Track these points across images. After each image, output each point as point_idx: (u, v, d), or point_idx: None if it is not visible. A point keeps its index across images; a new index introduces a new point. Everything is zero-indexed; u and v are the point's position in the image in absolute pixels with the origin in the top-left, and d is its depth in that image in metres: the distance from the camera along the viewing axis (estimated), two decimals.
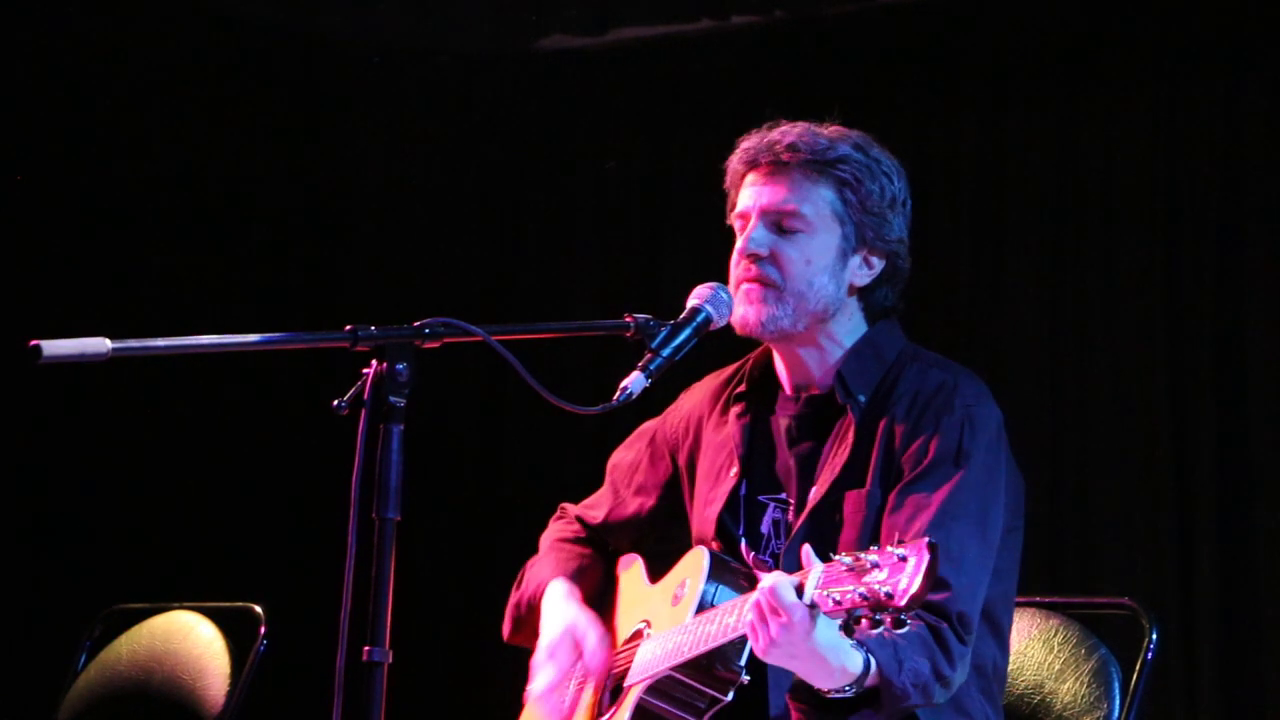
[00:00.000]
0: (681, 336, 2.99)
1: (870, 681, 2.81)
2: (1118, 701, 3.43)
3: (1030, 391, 5.60)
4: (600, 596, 3.39)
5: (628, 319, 2.98)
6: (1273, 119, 5.43)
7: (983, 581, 3.01)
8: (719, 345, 3.22)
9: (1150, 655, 3.48)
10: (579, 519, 3.50)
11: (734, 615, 2.89)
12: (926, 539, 2.54)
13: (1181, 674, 5.30)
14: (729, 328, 3.12)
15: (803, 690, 2.90)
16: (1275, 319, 5.36)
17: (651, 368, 2.94)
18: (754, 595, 2.78)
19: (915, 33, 5.99)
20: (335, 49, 6.51)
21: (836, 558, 2.62)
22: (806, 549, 2.74)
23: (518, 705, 3.40)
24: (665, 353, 2.96)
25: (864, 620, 2.55)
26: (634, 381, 2.92)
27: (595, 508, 3.49)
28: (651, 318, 3.00)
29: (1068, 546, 5.52)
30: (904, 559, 2.52)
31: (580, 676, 3.24)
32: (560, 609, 3.30)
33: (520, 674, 3.44)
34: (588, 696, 3.22)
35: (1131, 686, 3.45)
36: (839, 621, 2.60)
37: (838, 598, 2.58)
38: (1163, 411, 5.47)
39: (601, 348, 5.93)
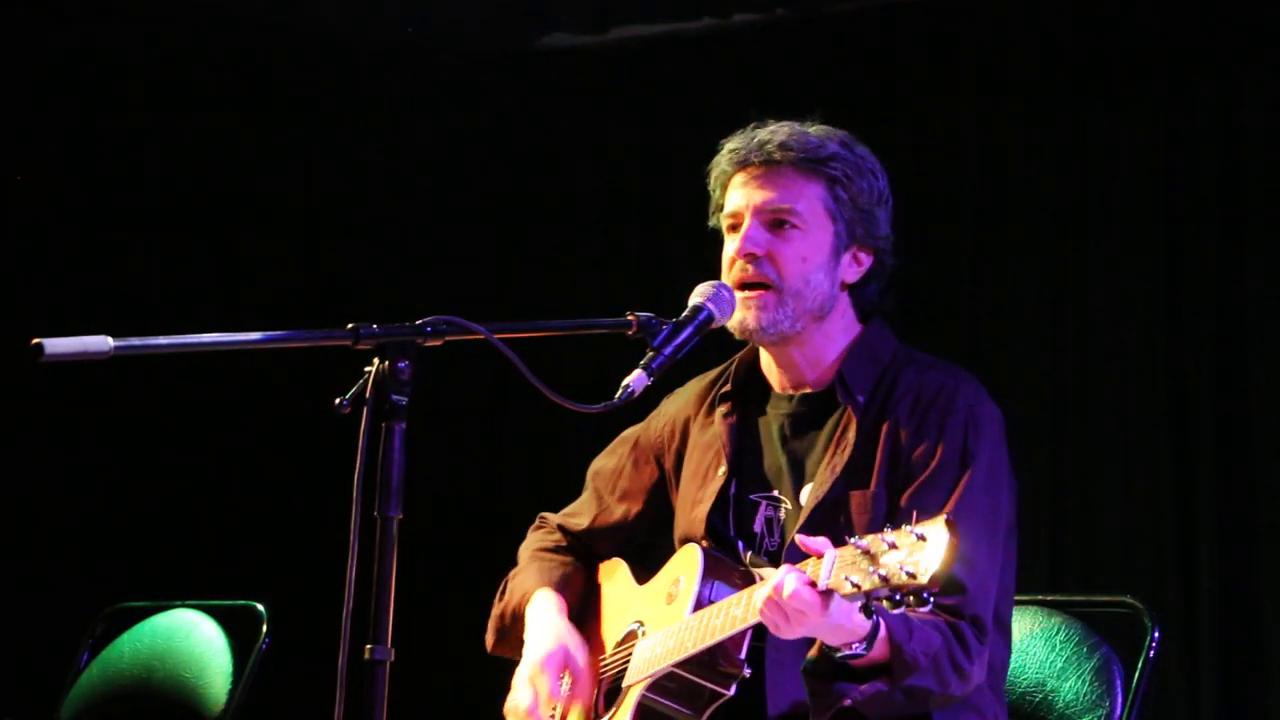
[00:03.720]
0: (684, 334, 2.99)
1: (880, 649, 2.82)
2: (1119, 700, 3.43)
3: (1031, 391, 5.60)
4: (583, 605, 3.39)
5: (630, 317, 2.98)
6: (1273, 121, 5.43)
7: (993, 582, 3.03)
8: (721, 343, 3.22)
9: (1152, 654, 3.49)
10: (561, 528, 3.50)
11: (741, 607, 2.88)
12: (945, 515, 2.53)
13: (1183, 672, 5.30)
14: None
15: (817, 662, 2.90)
16: (1276, 319, 5.36)
17: (653, 366, 2.94)
18: (764, 589, 2.77)
19: (916, 31, 5.98)
20: (335, 49, 6.51)
21: (851, 540, 2.62)
22: (802, 538, 2.75)
23: None
24: (667, 351, 2.96)
25: (884, 602, 2.56)
26: (636, 380, 2.92)
27: (578, 515, 3.48)
28: (653, 316, 3.00)
29: (1069, 545, 5.52)
30: (922, 537, 2.52)
31: (567, 697, 3.22)
32: (549, 622, 3.29)
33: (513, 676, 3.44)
34: (577, 712, 3.21)
35: (1133, 685, 3.46)
36: (858, 604, 2.62)
37: (857, 580, 2.58)
38: (1164, 410, 5.47)
39: (603, 346, 5.93)
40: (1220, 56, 5.54)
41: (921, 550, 2.51)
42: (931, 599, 2.53)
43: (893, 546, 2.55)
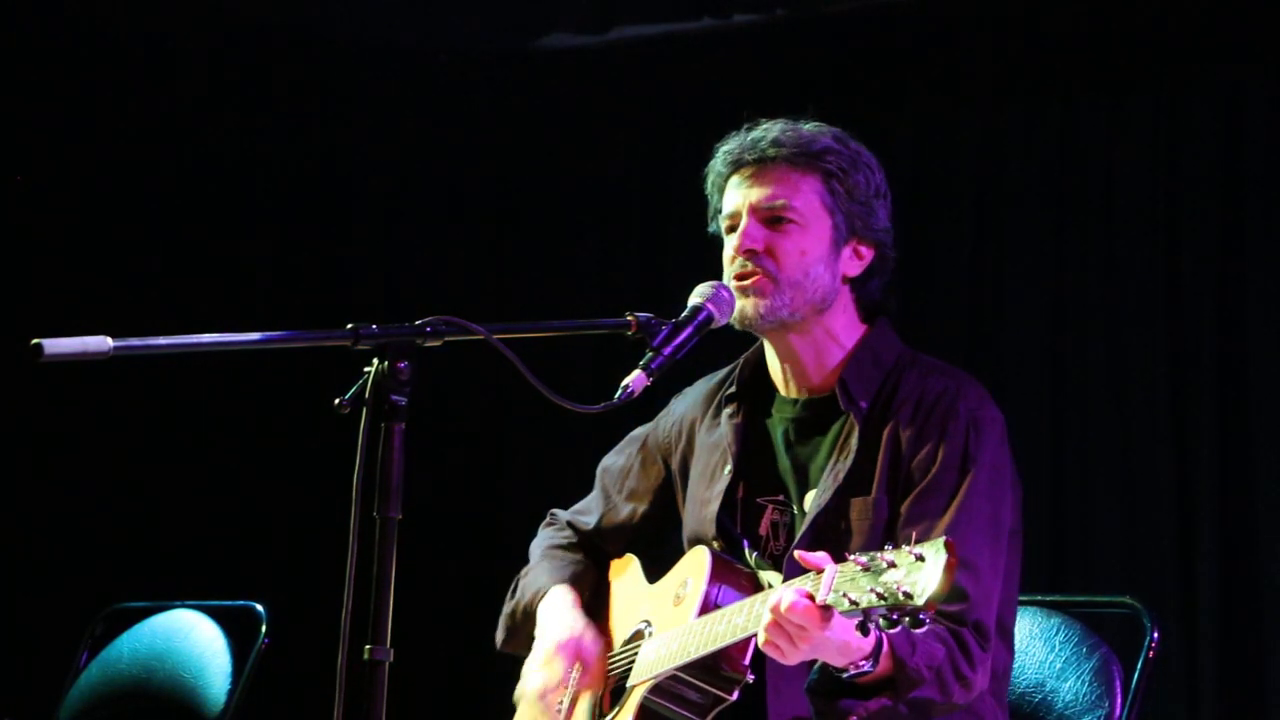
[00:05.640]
0: (683, 335, 2.99)
1: (884, 664, 2.82)
2: (1119, 700, 3.43)
3: (1030, 391, 5.60)
4: (593, 602, 3.38)
5: (629, 317, 2.98)
6: (1273, 120, 5.43)
7: (996, 588, 3.02)
8: (721, 344, 3.22)
9: (1151, 654, 3.48)
10: (570, 525, 3.50)
11: (744, 615, 2.88)
12: (944, 538, 2.53)
13: (1182, 672, 5.30)
14: (731, 327, 3.12)
15: (821, 680, 2.90)
16: (1276, 318, 5.36)
17: (653, 366, 2.94)
18: (768, 599, 2.77)
19: (917, 31, 5.98)
20: (335, 49, 6.50)
21: (852, 557, 2.62)
22: (801, 553, 2.75)
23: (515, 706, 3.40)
24: (667, 351, 2.96)
25: (880, 620, 2.55)
26: (636, 380, 2.92)
27: (586, 514, 3.49)
28: (653, 316, 3.00)
29: (1069, 545, 5.52)
30: (920, 557, 2.52)
31: (578, 686, 3.23)
32: (565, 615, 3.29)
33: (519, 673, 3.44)
34: (586, 704, 3.22)
35: (1132, 685, 3.45)
36: (855, 621, 2.61)
37: (854, 597, 2.58)
38: (1163, 410, 5.47)
39: (603, 346, 5.92)
40: (1220, 54, 5.53)
41: (919, 571, 2.51)
42: (928, 621, 2.53)
43: (891, 565, 2.54)
